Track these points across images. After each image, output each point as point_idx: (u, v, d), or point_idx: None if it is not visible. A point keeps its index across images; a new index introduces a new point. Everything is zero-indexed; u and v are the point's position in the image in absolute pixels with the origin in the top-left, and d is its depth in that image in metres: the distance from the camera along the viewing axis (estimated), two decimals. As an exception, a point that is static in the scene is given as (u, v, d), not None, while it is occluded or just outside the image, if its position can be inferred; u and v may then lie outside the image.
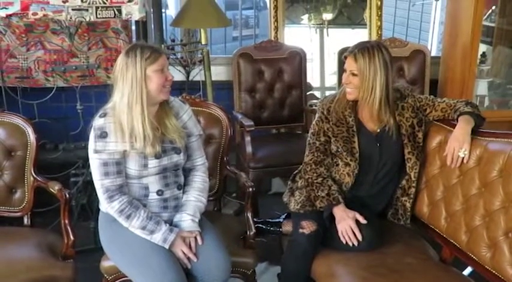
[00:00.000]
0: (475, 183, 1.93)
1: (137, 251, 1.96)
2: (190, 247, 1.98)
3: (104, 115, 1.96)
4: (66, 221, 2.13)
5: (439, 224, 2.09)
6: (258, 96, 3.42)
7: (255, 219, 2.28)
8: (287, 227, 2.31)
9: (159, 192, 2.03)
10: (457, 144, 1.99)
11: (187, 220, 2.03)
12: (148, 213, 1.98)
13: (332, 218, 2.12)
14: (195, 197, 2.09)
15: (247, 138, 3.04)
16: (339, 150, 2.18)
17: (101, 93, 3.40)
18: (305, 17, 4.08)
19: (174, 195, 2.07)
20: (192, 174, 2.16)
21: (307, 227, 2.08)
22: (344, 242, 2.06)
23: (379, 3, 3.72)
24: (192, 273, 2.00)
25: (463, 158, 1.98)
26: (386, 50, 2.11)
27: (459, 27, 3.32)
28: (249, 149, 3.04)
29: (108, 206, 1.96)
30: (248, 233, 2.21)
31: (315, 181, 2.19)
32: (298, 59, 3.45)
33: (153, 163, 1.98)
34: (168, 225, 2.00)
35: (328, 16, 4.05)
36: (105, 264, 2.08)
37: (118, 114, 1.93)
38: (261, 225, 2.38)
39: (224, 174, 2.53)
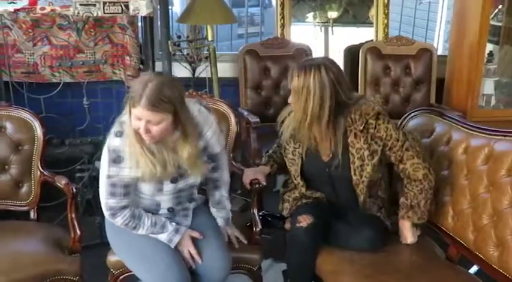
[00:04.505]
0: (483, 182, 1.93)
1: (143, 247, 1.97)
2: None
3: (121, 134, 1.85)
4: (73, 215, 2.13)
5: (446, 222, 2.09)
6: (264, 93, 3.42)
7: (264, 212, 2.28)
8: (288, 224, 2.31)
9: (170, 209, 2.04)
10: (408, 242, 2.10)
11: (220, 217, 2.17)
12: (152, 220, 1.97)
13: (334, 215, 2.13)
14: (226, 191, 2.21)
15: (253, 135, 3.04)
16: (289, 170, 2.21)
17: (106, 89, 3.41)
18: (310, 15, 4.07)
19: (184, 207, 2.08)
20: (215, 190, 2.19)
21: (304, 220, 2.07)
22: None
23: (386, 1, 3.72)
24: (194, 271, 2.01)
25: None
26: (326, 70, 1.96)
27: (466, 26, 3.31)
28: (254, 145, 3.04)
29: (110, 218, 1.96)
30: (254, 229, 2.21)
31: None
32: (304, 56, 3.44)
33: (168, 187, 1.96)
34: (174, 225, 2.00)
35: (333, 14, 4.04)
36: (112, 258, 2.09)
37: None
38: (267, 217, 2.38)
39: (230, 171, 2.52)
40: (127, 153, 1.83)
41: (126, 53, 3.43)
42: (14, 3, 2.52)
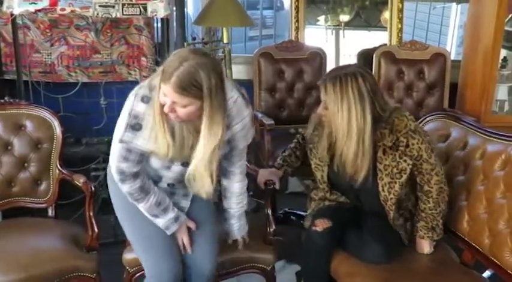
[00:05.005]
0: (499, 188, 1.93)
1: (146, 226, 1.92)
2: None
3: (148, 100, 1.69)
4: (91, 213, 2.16)
5: (461, 227, 2.09)
6: (278, 96, 3.44)
7: (286, 209, 2.29)
8: (308, 222, 2.32)
9: (170, 185, 1.97)
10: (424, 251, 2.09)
11: (235, 229, 2.10)
12: (158, 199, 1.88)
13: (353, 221, 2.14)
14: (236, 203, 2.07)
15: (267, 137, 3.06)
16: (314, 174, 2.18)
17: (122, 90, 3.43)
18: (321, 18, 4.08)
19: (184, 186, 1.92)
20: (228, 180, 2.04)
21: (321, 224, 2.06)
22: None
23: (400, 5, 3.72)
24: (183, 261, 2.00)
25: None
26: (363, 79, 1.87)
27: (480, 31, 3.31)
28: (268, 147, 3.05)
29: (118, 182, 1.86)
30: (268, 229, 2.23)
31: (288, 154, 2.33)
32: (318, 59, 3.47)
33: (176, 168, 1.87)
34: (175, 212, 1.92)
35: (345, 18, 4.05)
36: (128, 256, 2.11)
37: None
38: (290, 215, 2.39)
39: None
40: (149, 122, 1.69)
41: (141, 54, 3.47)
42: (35, 3, 2.56)
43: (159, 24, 3.57)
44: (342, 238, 2.10)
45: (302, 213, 2.44)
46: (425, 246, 2.09)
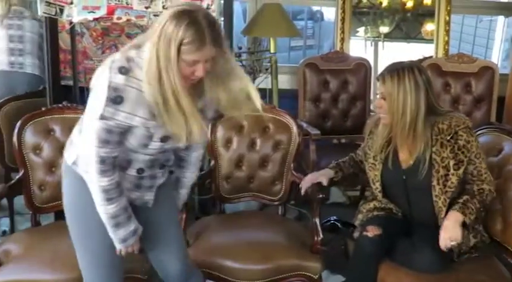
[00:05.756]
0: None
1: (101, 242, 1.78)
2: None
3: (126, 72, 1.56)
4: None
5: (514, 242, 2.06)
6: (323, 106, 3.46)
7: (334, 217, 2.31)
8: (357, 233, 2.33)
9: (140, 171, 1.79)
10: (449, 236, 1.97)
11: (182, 198, 2.00)
12: (126, 203, 1.74)
13: (403, 231, 2.13)
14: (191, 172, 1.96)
15: (312, 147, 3.08)
16: (368, 175, 2.23)
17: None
18: (361, 29, 4.09)
19: (152, 174, 1.83)
20: (186, 165, 1.94)
21: (372, 230, 2.08)
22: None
23: (447, 18, 3.71)
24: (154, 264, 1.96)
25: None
26: (419, 71, 2.01)
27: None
28: (313, 157, 3.07)
29: (96, 179, 1.66)
30: (316, 238, 2.24)
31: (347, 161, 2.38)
32: (364, 70, 3.48)
33: (155, 145, 1.71)
34: (136, 223, 1.77)
35: (384, 29, 4.05)
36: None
37: (140, 80, 1.57)
38: (336, 223, 2.41)
39: (290, 180, 2.57)
40: (131, 98, 1.57)
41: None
42: (93, 12, 2.66)
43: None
44: (391, 249, 2.10)
45: (349, 222, 2.43)
46: (454, 217, 1.99)
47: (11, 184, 2.35)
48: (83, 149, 1.69)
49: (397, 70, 2.02)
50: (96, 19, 2.72)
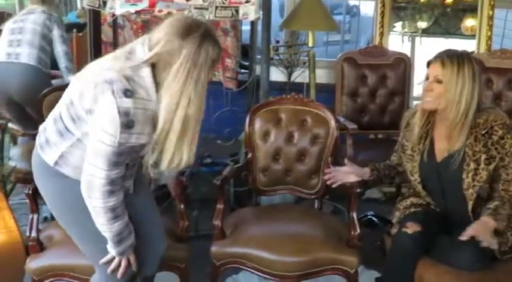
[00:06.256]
0: None
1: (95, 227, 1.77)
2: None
3: (131, 95, 1.58)
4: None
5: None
6: (360, 101, 3.43)
7: (371, 213, 2.30)
8: (395, 229, 2.31)
9: (127, 166, 1.78)
10: (482, 236, 1.93)
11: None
12: (127, 218, 1.78)
13: (442, 228, 2.11)
14: None
15: (349, 141, 3.06)
16: (405, 167, 2.20)
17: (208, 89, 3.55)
18: (398, 24, 4.04)
19: (134, 164, 1.85)
20: None
21: (411, 227, 2.06)
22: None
23: (490, 13, 3.62)
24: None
25: None
26: (476, 62, 2.01)
27: None
28: (350, 152, 3.05)
29: (102, 198, 1.67)
30: (353, 233, 2.24)
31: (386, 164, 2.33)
32: (403, 65, 3.44)
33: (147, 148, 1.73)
34: (133, 236, 1.81)
35: (423, 24, 3.99)
36: (219, 250, 2.19)
37: (149, 101, 1.62)
38: (373, 218, 2.39)
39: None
40: (140, 120, 1.60)
41: (226, 56, 3.57)
42: (135, 5, 2.70)
43: (245, 27, 3.67)
44: (430, 246, 2.07)
45: (386, 217, 2.41)
46: (485, 222, 1.96)
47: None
48: (85, 174, 1.67)
49: (457, 56, 1.99)
50: (138, 12, 2.76)
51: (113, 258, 1.82)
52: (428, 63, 2.08)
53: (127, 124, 1.57)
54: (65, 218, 1.85)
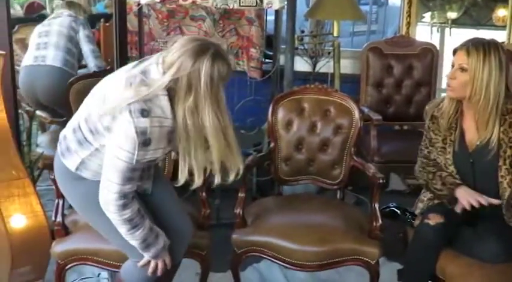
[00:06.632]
0: None
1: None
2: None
3: (148, 114, 1.67)
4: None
5: None
6: (385, 91, 3.39)
7: (393, 204, 2.28)
8: (418, 221, 2.28)
9: (145, 169, 1.90)
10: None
11: None
12: (150, 224, 1.85)
13: (466, 217, 2.07)
14: None
15: (373, 132, 3.03)
16: (438, 161, 2.14)
17: (232, 79, 3.56)
18: (427, 14, 3.95)
19: (151, 168, 1.96)
20: None
21: (433, 218, 2.03)
22: (465, 206, 1.99)
23: (521, 2, 3.53)
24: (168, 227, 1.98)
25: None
26: (503, 50, 1.98)
27: None
28: (374, 143, 3.03)
29: (116, 213, 1.76)
30: (375, 224, 2.22)
31: (428, 179, 2.14)
32: (430, 56, 3.38)
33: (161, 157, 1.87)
34: (164, 238, 1.89)
35: (452, 15, 3.89)
36: (241, 238, 2.21)
37: (165, 119, 1.71)
38: (395, 209, 2.37)
39: (350, 165, 2.55)
40: (156, 137, 1.69)
41: (251, 45, 3.57)
42: (160, -7, 2.72)
43: (269, 17, 3.65)
44: (452, 238, 2.05)
45: (409, 209, 2.38)
46: None
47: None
48: (101, 188, 1.76)
49: (483, 44, 1.97)
50: (163, 1, 2.77)
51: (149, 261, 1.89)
52: (455, 51, 2.04)
53: (144, 142, 1.66)
54: (91, 217, 1.94)
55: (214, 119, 1.69)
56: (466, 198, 2.00)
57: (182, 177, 1.78)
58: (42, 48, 3.37)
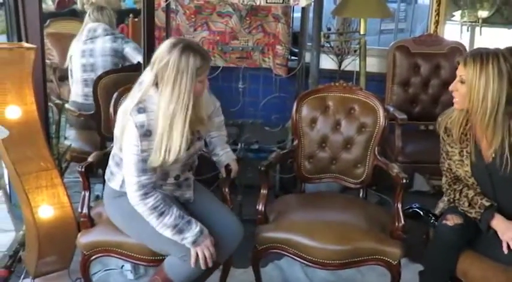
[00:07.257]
0: None
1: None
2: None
3: (144, 111, 1.92)
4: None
5: None
6: (411, 91, 3.35)
7: (416, 204, 2.26)
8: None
9: (177, 177, 2.10)
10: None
11: (223, 156, 2.32)
12: (180, 212, 1.97)
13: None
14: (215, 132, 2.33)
15: (398, 132, 3.01)
16: (457, 174, 2.09)
17: (254, 76, 3.59)
18: (457, 13, 3.88)
19: (186, 176, 2.14)
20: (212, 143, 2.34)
21: (452, 219, 2.01)
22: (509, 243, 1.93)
23: (555, 1, 3.44)
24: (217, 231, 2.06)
25: None
26: (504, 59, 1.92)
27: None
28: (398, 142, 3.00)
29: (140, 203, 1.94)
30: (397, 224, 2.20)
31: (455, 199, 2.10)
32: (458, 55, 3.30)
33: (183, 155, 1.98)
34: (198, 224, 1.98)
35: (483, 13, 3.81)
36: (263, 234, 2.22)
37: (157, 116, 1.91)
38: (417, 210, 2.35)
39: (374, 164, 2.53)
40: (153, 127, 1.91)
41: (277, 42, 3.57)
42: (192, -11, 2.74)
43: (296, 14, 3.64)
44: (474, 239, 2.03)
45: (433, 211, 2.36)
46: None
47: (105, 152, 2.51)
48: (126, 185, 1.99)
49: (481, 55, 1.94)
50: (194, -4, 2.80)
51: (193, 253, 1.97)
52: (458, 62, 2.02)
53: (145, 134, 1.91)
54: (135, 228, 2.06)
55: (165, 105, 1.89)
56: (509, 235, 1.93)
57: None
58: (89, 70, 3.40)
